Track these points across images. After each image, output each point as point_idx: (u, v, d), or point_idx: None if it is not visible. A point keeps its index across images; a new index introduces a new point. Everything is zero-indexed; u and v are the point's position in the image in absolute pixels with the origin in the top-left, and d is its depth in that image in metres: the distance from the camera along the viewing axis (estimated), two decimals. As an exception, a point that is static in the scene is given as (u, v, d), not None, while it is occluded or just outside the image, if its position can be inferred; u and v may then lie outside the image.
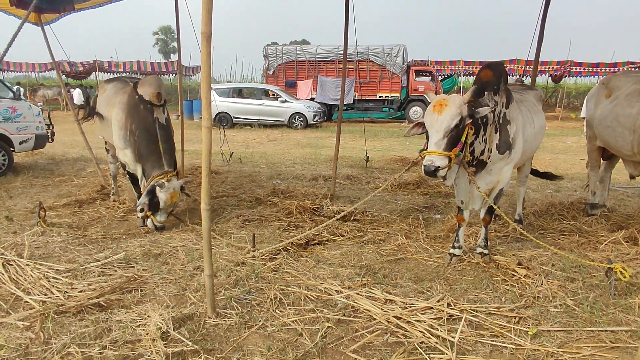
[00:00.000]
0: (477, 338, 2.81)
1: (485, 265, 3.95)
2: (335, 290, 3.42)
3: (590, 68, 22.17)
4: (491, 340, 2.79)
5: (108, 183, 6.63)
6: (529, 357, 2.63)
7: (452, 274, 3.80)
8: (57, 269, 3.67)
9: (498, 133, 3.74)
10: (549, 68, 22.83)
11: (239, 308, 3.15)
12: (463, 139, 3.40)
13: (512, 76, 22.21)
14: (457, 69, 23.46)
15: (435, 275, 3.78)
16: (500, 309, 3.15)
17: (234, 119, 17.55)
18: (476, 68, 23.69)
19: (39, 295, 3.24)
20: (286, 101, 17.69)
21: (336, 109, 20.88)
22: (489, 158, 3.74)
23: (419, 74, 20.70)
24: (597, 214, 5.26)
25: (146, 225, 4.97)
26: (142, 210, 5.13)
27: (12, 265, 3.71)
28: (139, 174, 5.00)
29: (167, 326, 2.81)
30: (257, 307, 3.19)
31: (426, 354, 2.63)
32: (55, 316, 2.96)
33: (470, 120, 3.41)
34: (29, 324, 2.90)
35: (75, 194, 6.33)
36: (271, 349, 2.67)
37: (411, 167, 4.35)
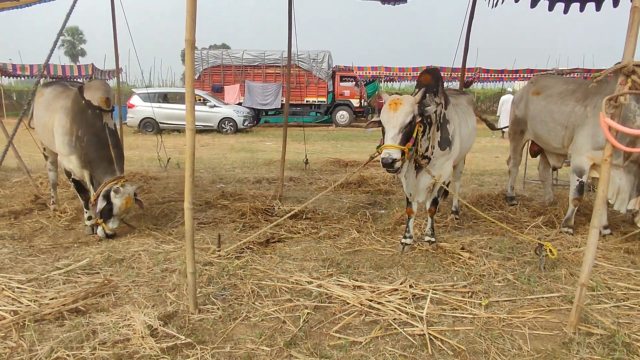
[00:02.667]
0: (440, 312, 3.19)
1: (433, 251, 4.38)
2: (306, 281, 3.65)
3: (496, 74, 24.29)
4: (452, 313, 3.18)
5: (41, 192, 6.31)
6: (485, 324, 3.05)
7: (407, 261, 4.18)
8: (18, 279, 3.53)
9: (439, 131, 4.20)
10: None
11: (220, 303, 3.27)
12: (414, 134, 3.80)
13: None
14: (378, 74, 24.57)
15: (393, 263, 4.14)
16: (455, 287, 3.57)
17: (160, 125, 17.04)
18: (395, 74, 25.05)
19: (6, 305, 3.13)
20: (215, 106, 17.53)
21: (264, 114, 21.03)
22: (432, 154, 4.18)
23: (343, 79, 21.45)
24: (515, 204, 5.97)
25: (95, 233, 4.85)
26: (90, 218, 5.00)
27: (-37, 279, 3.51)
28: (87, 180, 4.88)
29: (157, 323, 2.87)
30: (236, 301, 3.34)
31: (400, 328, 2.95)
32: (32, 324, 2.90)
33: (420, 119, 3.82)
34: (3, 334, 2.82)
35: (6, 205, 5.95)
36: (261, 336, 2.85)
37: (369, 162, 4.64)
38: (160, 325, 2.89)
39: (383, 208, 6.14)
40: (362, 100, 21.50)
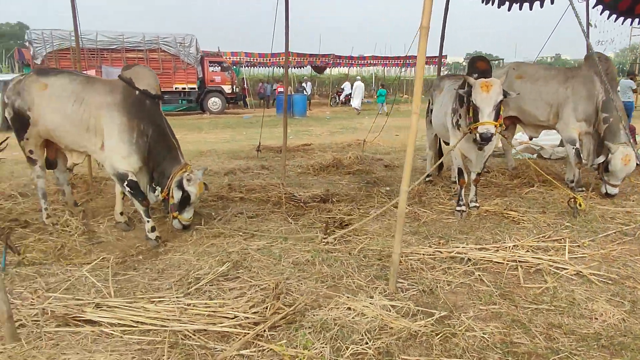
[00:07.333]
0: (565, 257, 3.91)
1: (484, 214, 5.10)
2: (462, 252, 3.95)
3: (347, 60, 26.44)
4: (571, 255, 3.92)
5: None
6: (603, 258, 3.87)
7: (477, 224, 4.80)
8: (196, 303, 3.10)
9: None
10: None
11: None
12: (501, 112, 4.46)
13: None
14: (239, 60, 24.39)
15: (471, 228, 4.72)
16: (545, 237, 4.34)
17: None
18: (256, 60, 25.19)
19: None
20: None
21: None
22: None
23: (212, 64, 20.76)
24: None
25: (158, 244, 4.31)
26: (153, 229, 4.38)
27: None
28: (144, 180, 4.50)
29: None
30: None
31: (560, 272, 3.59)
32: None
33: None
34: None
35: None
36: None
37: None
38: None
39: (387, 185, 6.57)
40: (234, 86, 21.13)
